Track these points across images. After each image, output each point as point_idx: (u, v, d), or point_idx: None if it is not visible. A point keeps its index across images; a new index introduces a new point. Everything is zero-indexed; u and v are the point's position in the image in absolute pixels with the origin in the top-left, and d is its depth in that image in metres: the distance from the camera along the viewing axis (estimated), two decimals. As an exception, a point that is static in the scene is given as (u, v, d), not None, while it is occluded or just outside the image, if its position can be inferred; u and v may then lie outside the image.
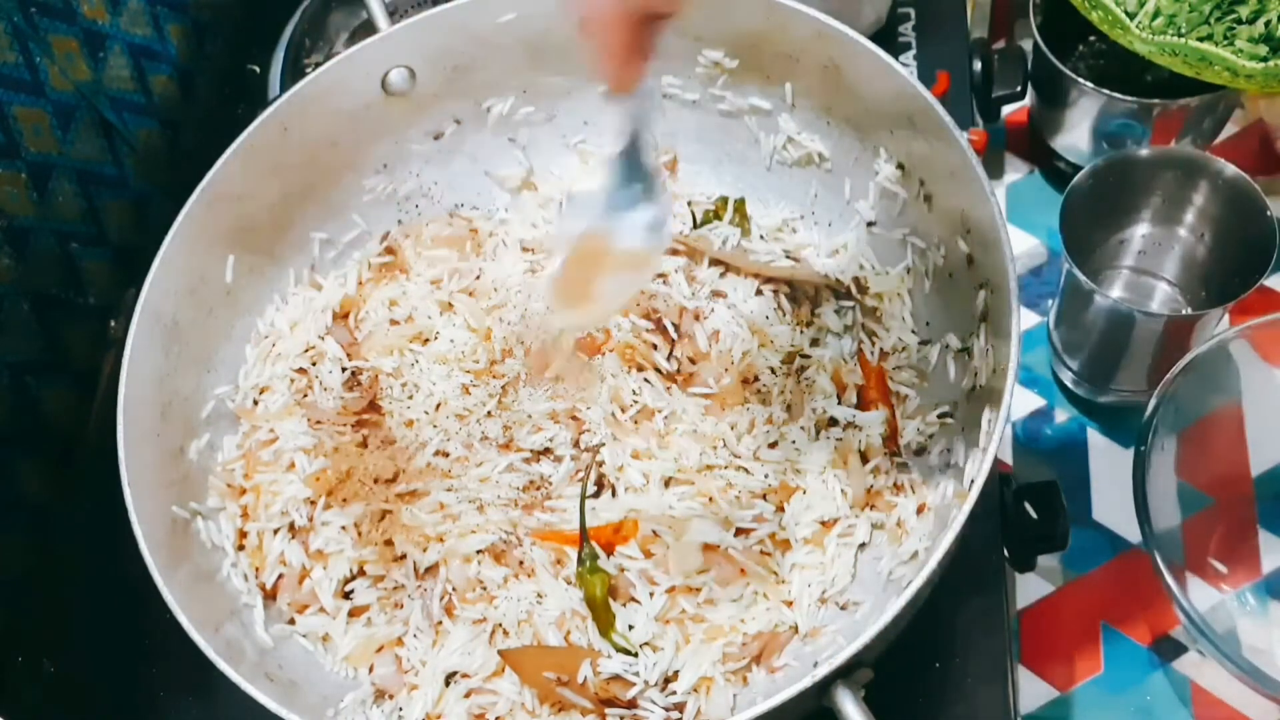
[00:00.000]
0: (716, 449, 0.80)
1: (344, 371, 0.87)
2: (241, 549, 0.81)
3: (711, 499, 0.78)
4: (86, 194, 1.03)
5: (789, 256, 0.89)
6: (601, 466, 0.80)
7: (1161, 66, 0.92)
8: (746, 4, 0.83)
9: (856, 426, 0.80)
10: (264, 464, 0.84)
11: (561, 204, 0.93)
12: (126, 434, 0.75)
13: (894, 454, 0.80)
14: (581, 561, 0.76)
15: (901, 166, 0.83)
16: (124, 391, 0.76)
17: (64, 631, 0.90)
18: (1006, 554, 0.82)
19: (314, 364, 0.88)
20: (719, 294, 0.86)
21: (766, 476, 0.78)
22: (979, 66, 1.05)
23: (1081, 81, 0.98)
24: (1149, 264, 0.99)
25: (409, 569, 0.79)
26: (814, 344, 0.84)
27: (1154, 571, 0.77)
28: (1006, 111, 1.13)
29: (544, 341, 0.85)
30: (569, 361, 0.82)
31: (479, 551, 0.78)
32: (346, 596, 0.80)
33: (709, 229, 0.90)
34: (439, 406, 0.84)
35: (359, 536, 0.80)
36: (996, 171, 1.12)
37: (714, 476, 0.78)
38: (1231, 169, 0.89)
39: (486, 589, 0.77)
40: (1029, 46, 1.03)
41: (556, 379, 0.84)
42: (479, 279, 0.90)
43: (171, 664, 0.83)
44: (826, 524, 0.78)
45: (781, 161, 0.91)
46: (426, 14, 0.87)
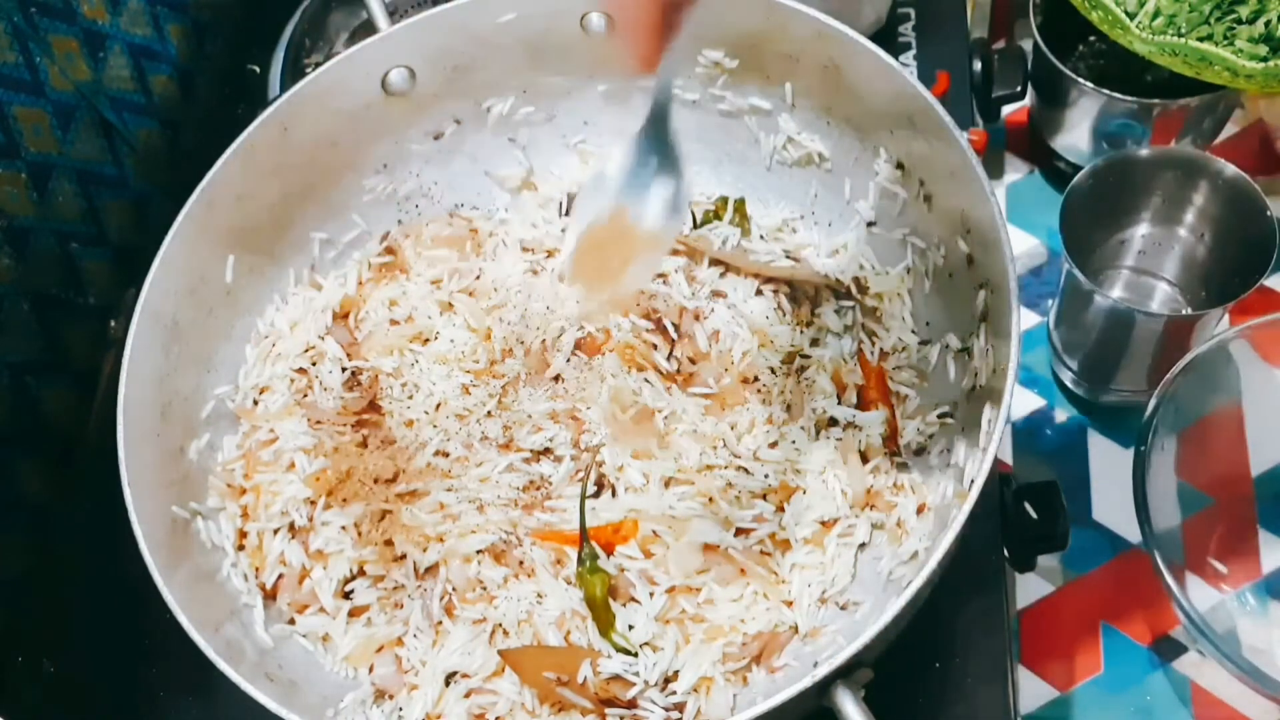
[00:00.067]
0: (716, 449, 0.79)
1: (344, 371, 0.87)
2: (241, 549, 0.81)
3: (711, 499, 0.77)
4: (86, 194, 1.03)
5: (789, 256, 0.89)
6: (601, 466, 0.79)
7: (1161, 66, 0.92)
8: (746, 4, 0.83)
9: (856, 426, 0.80)
10: (264, 464, 0.84)
11: (578, 189, 0.93)
12: (126, 434, 0.75)
13: (894, 454, 0.80)
14: (581, 561, 0.76)
15: (901, 166, 0.83)
16: (124, 391, 0.76)
17: (64, 631, 0.90)
18: (1006, 554, 0.82)
19: (314, 364, 0.88)
20: (719, 294, 0.86)
21: (766, 476, 0.78)
22: (979, 66, 1.05)
23: (1081, 81, 0.98)
24: (1149, 264, 0.99)
25: (409, 569, 0.78)
26: (814, 344, 0.84)
27: (1154, 571, 0.77)
28: (1006, 111, 1.13)
29: (544, 341, 0.85)
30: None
31: (479, 551, 0.78)
32: (346, 596, 0.80)
33: (709, 229, 0.90)
34: (439, 406, 0.84)
35: (359, 536, 0.80)
36: (996, 171, 1.12)
37: (714, 476, 0.78)
38: (1231, 169, 0.89)
39: (486, 589, 0.77)
40: (1029, 46, 1.03)
41: (556, 379, 0.84)
42: (479, 279, 0.90)
43: (171, 664, 0.83)
44: (826, 524, 0.78)
45: (781, 161, 0.91)
46: (426, 14, 0.87)
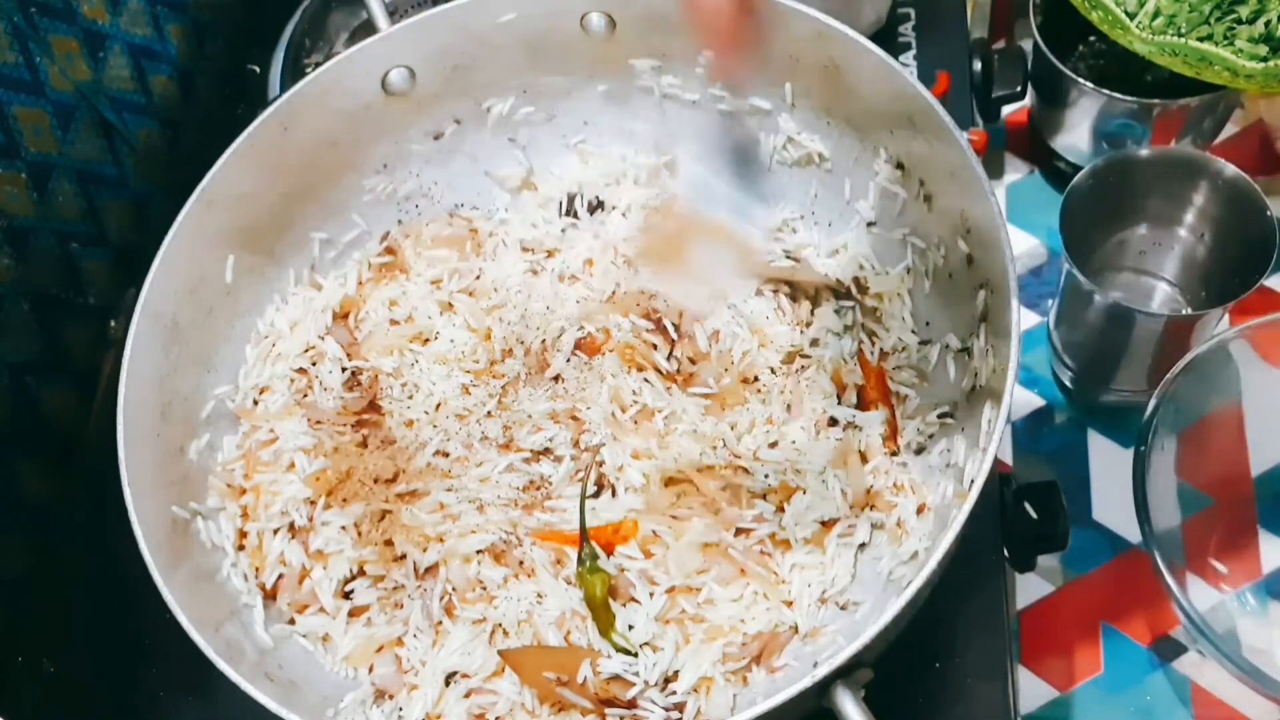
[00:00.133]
0: (716, 449, 0.79)
1: (344, 371, 0.87)
2: (241, 549, 0.81)
3: (711, 499, 0.78)
4: (86, 194, 1.03)
5: (789, 256, 0.89)
6: (601, 466, 0.79)
7: (1161, 66, 0.92)
8: (746, 4, 0.83)
9: (856, 426, 0.80)
10: (264, 464, 0.84)
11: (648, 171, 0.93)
12: (126, 434, 0.75)
13: (894, 454, 0.80)
14: (581, 561, 0.76)
15: (901, 166, 0.83)
16: (124, 391, 0.76)
17: (64, 631, 0.90)
18: (1006, 554, 0.82)
19: (314, 364, 0.88)
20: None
21: (766, 477, 0.78)
22: (979, 66, 1.05)
23: (1081, 81, 0.98)
24: (1149, 264, 0.99)
25: (409, 569, 0.78)
26: (814, 344, 0.84)
27: (1154, 571, 0.77)
28: (1006, 111, 1.13)
29: (544, 341, 0.85)
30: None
31: (479, 551, 0.78)
32: (346, 596, 0.80)
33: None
34: (439, 406, 0.84)
35: (359, 536, 0.80)
36: (996, 171, 1.12)
37: (714, 476, 0.78)
38: (1231, 169, 0.89)
39: (486, 589, 0.77)
40: (1029, 46, 1.03)
41: (556, 379, 0.84)
42: (479, 279, 0.90)
43: (171, 664, 0.83)
44: (826, 524, 0.78)
45: (781, 161, 0.91)
46: (426, 14, 0.87)
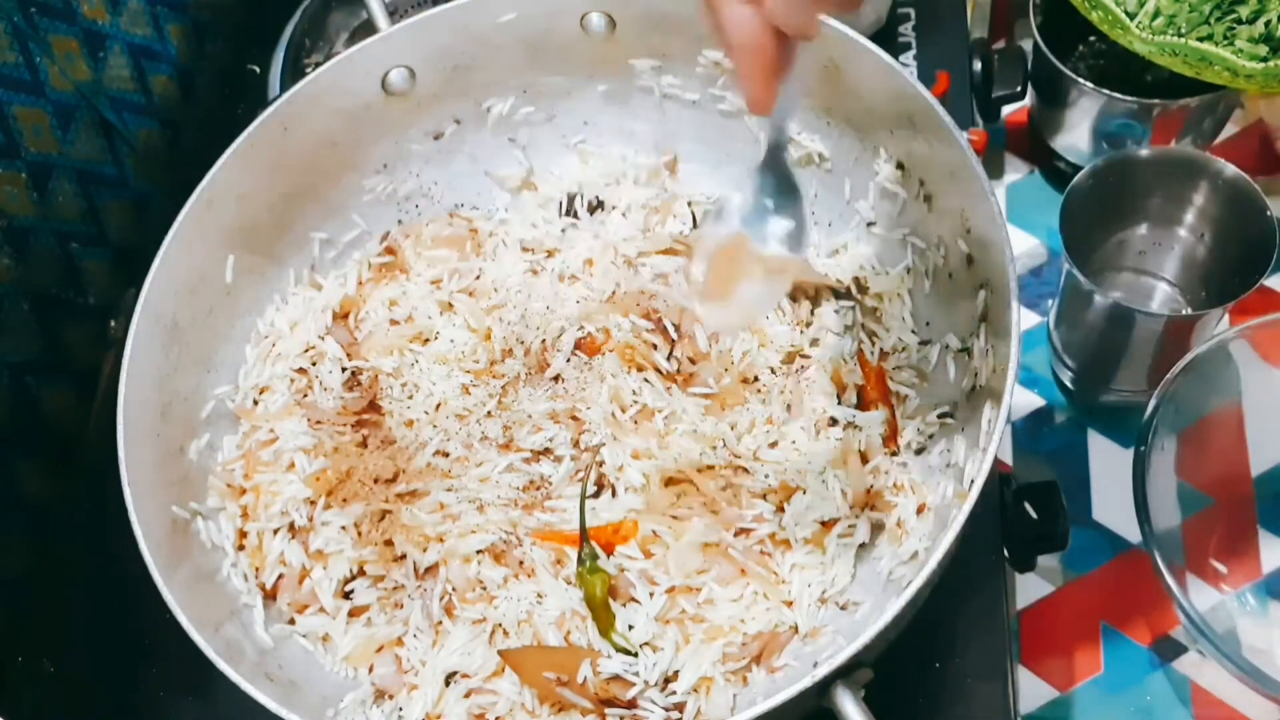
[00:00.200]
0: (716, 449, 0.79)
1: (344, 371, 0.87)
2: (241, 549, 0.81)
3: (711, 499, 0.78)
4: (86, 194, 1.03)
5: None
6: (601, 466, 0.79)
7: (1161, 66, 0.92)
8: (746, 4, 0.83)
9: (856, 426, 0.80)
10: (264, 464, 0.84)
11: (701, 213, 0.93)
12: (126, 434, 0.75)
13: (894, 454, 0.80)
14: (581, 561, 0.76)
15: (901, 166, 0.83)
16: (124, 391, 0.76)
17: (64, 631, 0.90)
18: (1006, 554, 0.82)
19: (314, 364, 0.88)
20: (719, 294, 0.86)
21: (766, 477, 0.78)
22: (979, 66, 1.05)
23: (1081, 81, 0.98)
24: (1149, 264, 0.99)
25: (409, 569, 0.78)
26: (814, 344, 0.84)
27: (1154, 571, 0.77)
28: (1006, 111, 1.13)
29: (544, 341, 0.85)
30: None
31: (479, 551, 0.78)
32: (346, 596, 0.80)
33: (709, 229, 0.90)
34: (439, 406, 0.84)
35: (359, 536, 0.80)
36: (996, 171, 1.12)
37: (714, 476, 0.78)
38: (1231, 169, 0.89)
39: (486, 589, 0.77)
40: (1029, 46, 1.03)
41: (556, 379, 0.84)
42: (479, 279, 0.90)
43: (171, 664, 0.83)
44: (826, 524, 0.77)
45: (781, 161, 0.91)
46: (426, 14, 0.87)
